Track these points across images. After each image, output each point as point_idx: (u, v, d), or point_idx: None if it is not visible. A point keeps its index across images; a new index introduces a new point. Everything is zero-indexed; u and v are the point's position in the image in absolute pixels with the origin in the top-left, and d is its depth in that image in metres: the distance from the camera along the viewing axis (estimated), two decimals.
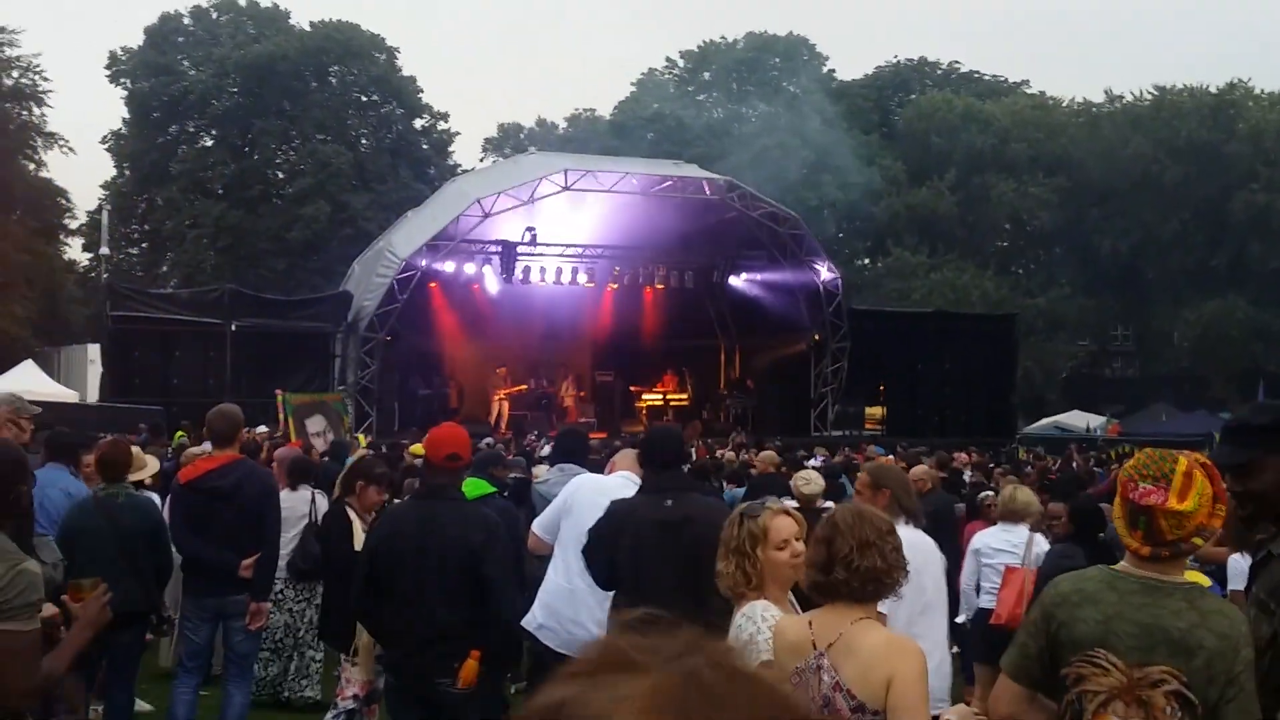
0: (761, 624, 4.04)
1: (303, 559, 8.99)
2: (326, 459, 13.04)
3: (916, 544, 5.37)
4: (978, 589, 8.46)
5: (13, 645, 3.62)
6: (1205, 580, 4.50)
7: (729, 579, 4.28)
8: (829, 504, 9.18)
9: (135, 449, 8.26)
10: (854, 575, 3.64)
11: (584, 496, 6.49)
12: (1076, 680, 3.08)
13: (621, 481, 6.73)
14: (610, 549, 5.79)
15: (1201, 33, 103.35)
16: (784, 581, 4.29)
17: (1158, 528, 3.13)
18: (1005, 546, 8.34)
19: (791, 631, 3.78)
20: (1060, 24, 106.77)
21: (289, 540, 8.98)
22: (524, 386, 29.41)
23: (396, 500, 8.73)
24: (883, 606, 4.59)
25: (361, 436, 19.00)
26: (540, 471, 10.03)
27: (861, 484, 5.93)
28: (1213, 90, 49.72)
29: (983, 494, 11.10)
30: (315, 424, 19.57)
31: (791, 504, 5.02)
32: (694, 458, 15.93)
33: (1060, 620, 3.23)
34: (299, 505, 9.18)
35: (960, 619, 8.33)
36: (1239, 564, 6.16)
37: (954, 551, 8.83)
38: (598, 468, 9.17)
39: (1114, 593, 3.20)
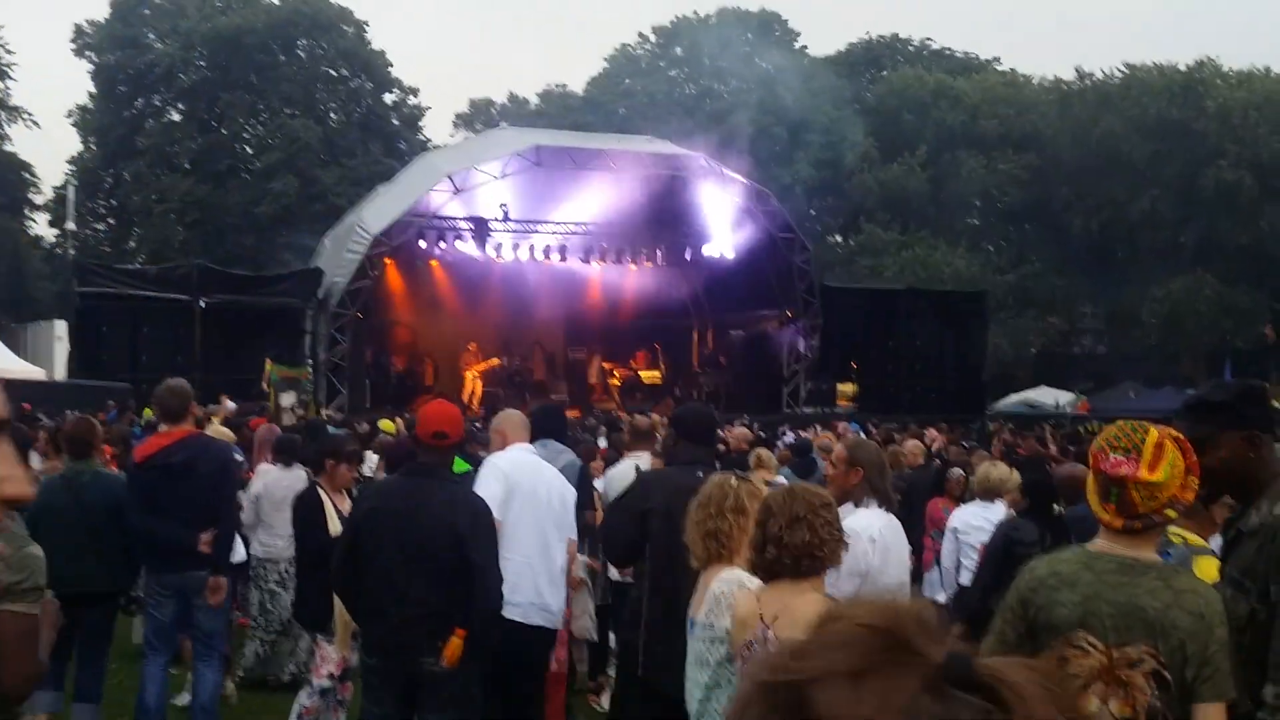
0: (751, 587, 4.07)
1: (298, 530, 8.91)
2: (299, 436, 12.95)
3: (887, 527, 5.39)
4: (958, 568, 8.46)
5: (23, 628, 3.60)
6: (1199, 540, 4.47)
7: (717, 540, 4.31)
8: (780, 480, 9.22)
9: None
10: (785, 551, 3.77)
11: (523, 476, 6.66)
12: (1058, 664, 3.04)
13: (528, 455, 6.91)
14: (640, 515, 5.87)
15: (1171, 12, 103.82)
16: None
17: (1130, 499, 3.13)
18: (983, 524, 8.32)
19: (742, 605, 3.88)
20: (1031, 2, 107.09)
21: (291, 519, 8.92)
22: (495, 361, 29.34)
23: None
24: (846, 586, 4.66)
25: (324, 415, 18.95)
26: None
27: (837, 458, 5.85)
28: (1182, 69, 49.87)
29: (952, 470, 11.12)
30: (287, 398, 19.58)
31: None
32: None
33: (1038, 604, 3.22)
34: (296, 483, 9.10)
35: (941, 598, 8.34)
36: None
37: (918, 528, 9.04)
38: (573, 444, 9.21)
39: (1090, 573, 3.19)
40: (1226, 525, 3.74)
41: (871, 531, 5.37)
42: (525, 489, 6.60)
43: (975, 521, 8.43)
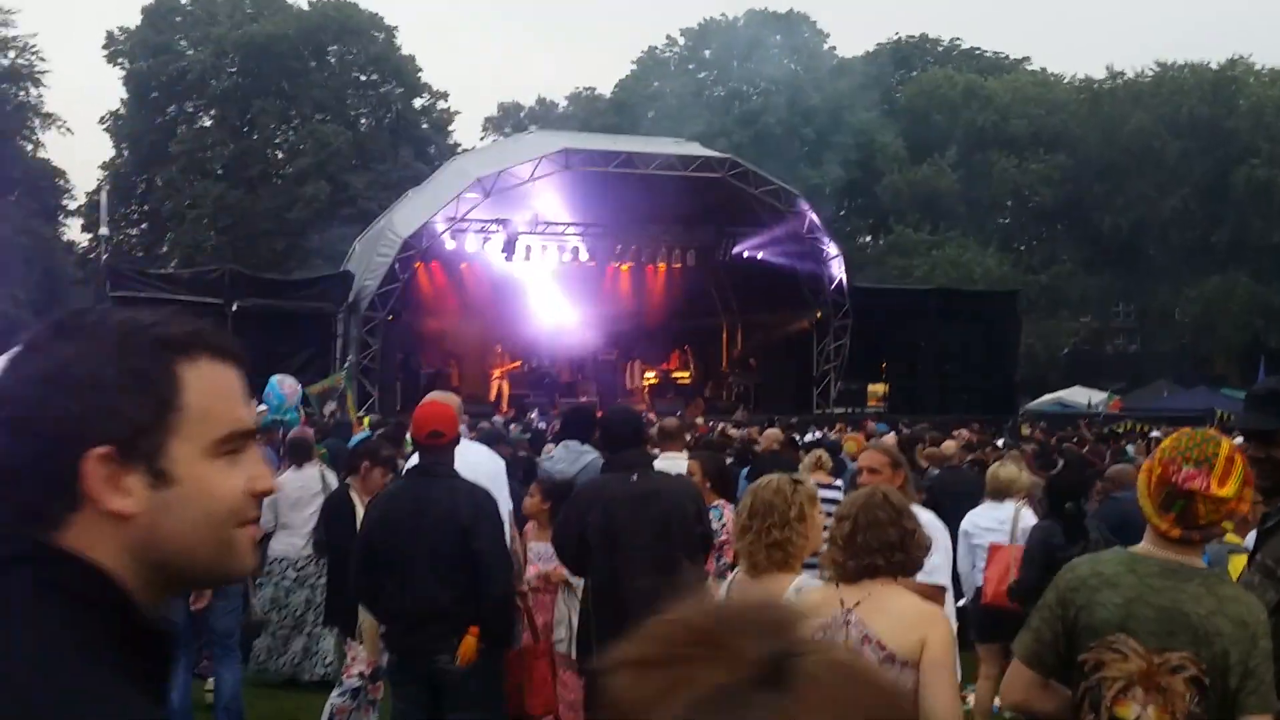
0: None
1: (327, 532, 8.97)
2: (329, 438, 13.05)
3: (931, 523, 5.38)
4: (972, 569, 8.40)
5: None
6: (1236, 539, 4.48)
7: (783, 550, 4.23)
8: (838, 482, 9.21)
9: None
10: (868, 553, 3.73)
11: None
12: (1096, 667, 3.04)
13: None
14: (580, 526, 5.89)
15: (1203, 9, 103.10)
16: (814, 547, 4.31)
17: (1195, 512, 3.07)
18: (992, 524, 8.24)
19: (814, 593, 3.88)
20: (1061, 1, 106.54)
21: (308, 518, 9.01)
22: (518, 363, 29.40)
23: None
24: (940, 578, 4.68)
25: (365, 419, 18.95)
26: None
27: (879, 464, 5.80)
28: (1214, 66, 49.55)
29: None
30: (329, 407, 19.66)
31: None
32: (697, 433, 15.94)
33: (1079, 605, 3.17)
34: (310, 483, 9.18)
35: (960, 602, 8.28)
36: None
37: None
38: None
39: (1133, 575, 3.14)
40: (1264, 517, 3.71)
41: (935, 531, 5.36)
42: None
43: (984, 523, 8.34)
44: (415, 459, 6.73)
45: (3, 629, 1.25)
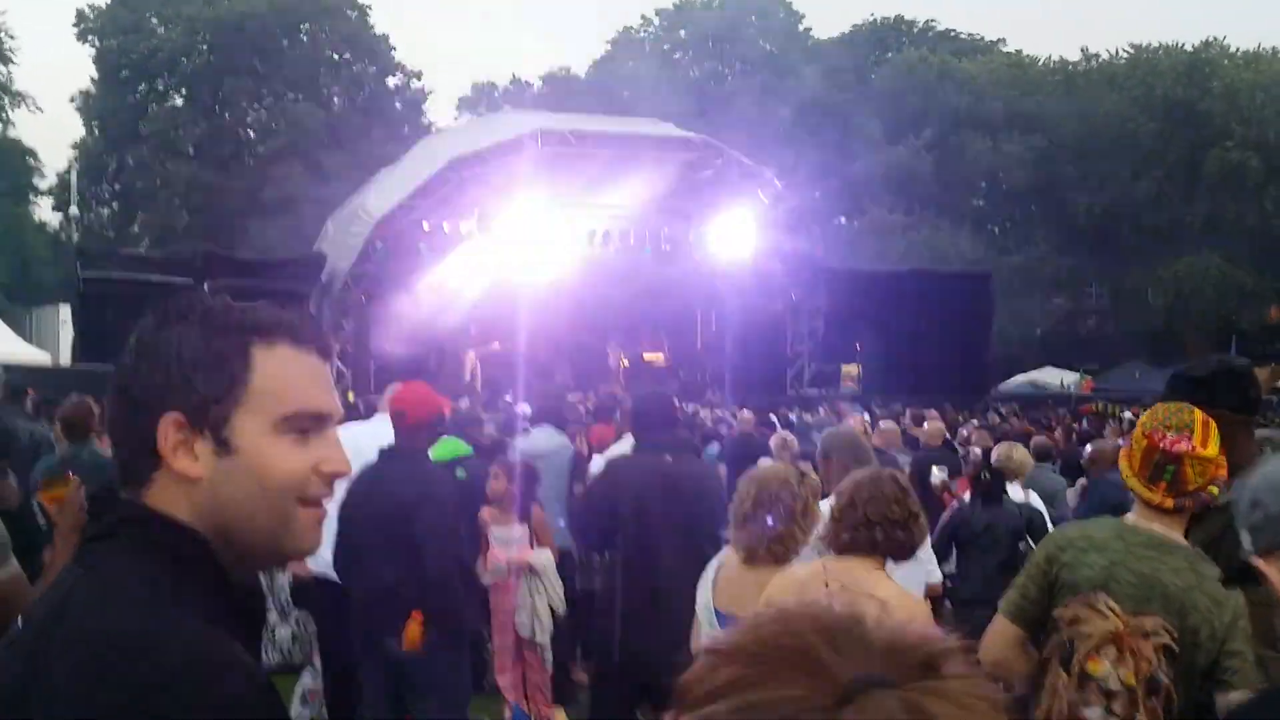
0: None
1: None
2: None
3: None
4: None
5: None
6: None
7: (783, 544, 4.18)
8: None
9: None
10: (865, 527, 3.74)
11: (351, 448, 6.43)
12: (1072, 621, 3.09)
13: (359, 426, 6.88)
14: (611, 502, 5.91)
15: None
16: (810, 540, 4.29)
17: (1184, 476, 3.15)
18: None
19: (800, 570, 3.83)
20: None
21: None
22: (495, 345, 29.32)
23: None
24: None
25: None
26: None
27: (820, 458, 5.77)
28: (1188, 49, 49.77)
29: (971, 450, 11.07)
30: None
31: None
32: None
33: (1064, 562, 3.25)
34: None
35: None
36: None
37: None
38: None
39: (1121, 542, 3.22)
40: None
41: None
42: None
43: None
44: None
45: (117, 578, 1.45)
